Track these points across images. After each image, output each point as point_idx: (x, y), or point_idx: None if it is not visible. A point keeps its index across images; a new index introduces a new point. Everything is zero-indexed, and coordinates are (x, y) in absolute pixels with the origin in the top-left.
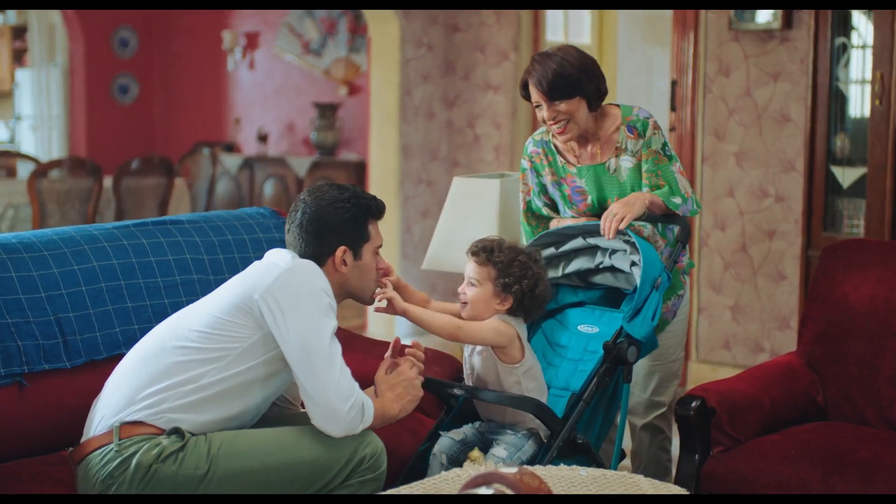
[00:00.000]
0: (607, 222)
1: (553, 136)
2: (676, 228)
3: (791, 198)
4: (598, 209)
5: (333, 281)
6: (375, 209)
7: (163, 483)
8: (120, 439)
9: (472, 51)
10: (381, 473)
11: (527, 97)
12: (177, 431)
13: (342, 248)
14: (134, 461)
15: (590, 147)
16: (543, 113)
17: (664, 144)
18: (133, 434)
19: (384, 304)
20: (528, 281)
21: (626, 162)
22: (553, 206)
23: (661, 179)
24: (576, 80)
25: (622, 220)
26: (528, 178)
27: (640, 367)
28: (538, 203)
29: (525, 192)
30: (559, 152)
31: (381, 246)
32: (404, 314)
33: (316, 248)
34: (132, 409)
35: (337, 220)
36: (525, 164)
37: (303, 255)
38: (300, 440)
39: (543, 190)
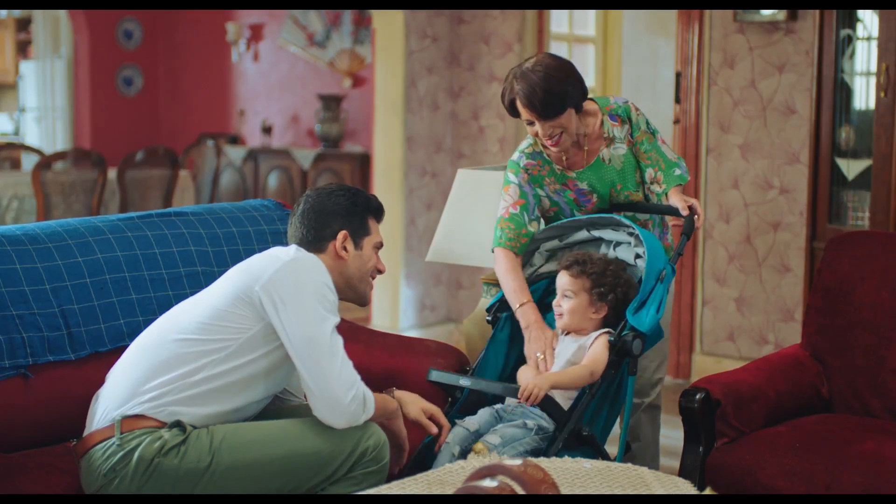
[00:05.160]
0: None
1: (545, 147)
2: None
3: (796, 190)
4: (607, 203)
5: (335, 270)
6: (375, 206)
7: (165, 476)
8: (122, 433)
9: (477, 42)
10: (383, 465)
11: (515, 115)
12: (178, 425)
13: (343, 232)
14: (136, 455)
15: (579, 152)
16: (537, 129)
17: (647, 122)
18: (135, 427)
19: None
20: (621, 289)
21: (619, 149)
22: (552, 216)
23: (657, 156)
24: (565, 93)
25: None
26: (520, 192)
27: None
28: (526, 218)
29: (511, 204)
30: (548, 155)
31: (381, 245)
32: (555, 386)
33: (317, 232)
34: (134, 403)
35: (338, 207)
36: (515, 178)
37: (303, 242)
38: (303, 432)
39: (539, 202)
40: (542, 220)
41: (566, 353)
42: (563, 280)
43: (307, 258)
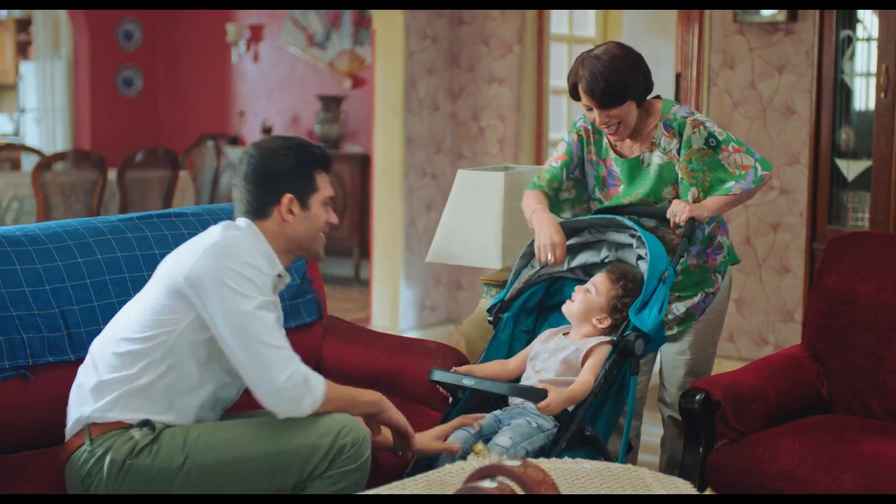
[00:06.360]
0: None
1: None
2: (708, 228)
3: (796, 190)
4: (624, 197)
5: (281, 235)
6: (321, 159)
7: (139, 477)
8: (91, 438)
9: (477, 43)
10: (363, 463)
11: (576, 98)
12: (147, 423)
13: (288, 196)
14: (107, 459)
15: (628, 142)
16: (595, 115)
17: (708, 137)
18: (103, 431)
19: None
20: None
21: (657, 158)
22: (575, 189)
23: (708, 174)
24: (626, 85)
25: (684, 212)
26: (567, 149)
27: (668, 362)
28: (563, 174)
29: (554, 158)
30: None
31: (331, 198)
32: (569, 403)
33: (260, 198)
34: (94, 409)
35: (281, 168)
36: (567, 137)
37: (248, 209)
38: (277, 430)
39: (581, 165)
40: (577, 185)
41: (563, 352)
42: (599, 277)
43: (230, 240)
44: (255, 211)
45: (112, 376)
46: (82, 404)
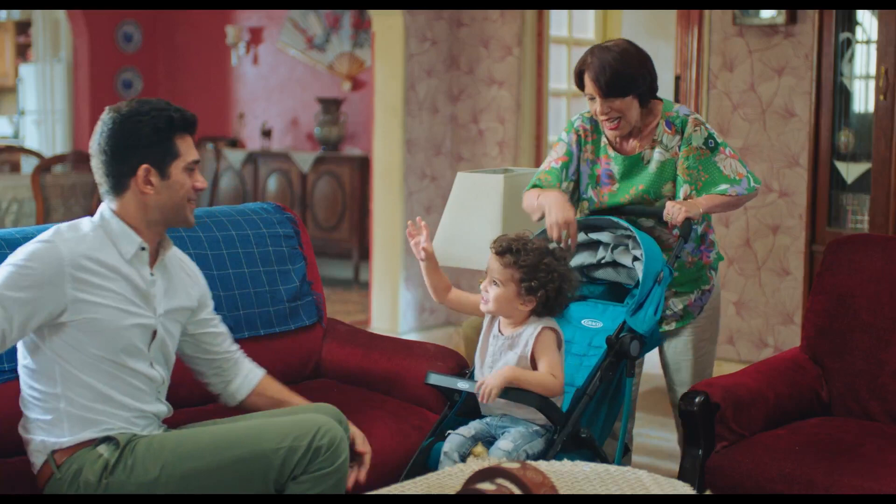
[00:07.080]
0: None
1: (604, 127)
2: (700, 227)
3: (795, 193)
4: (620, 195)
5: (141, 207)
6: (181, 122)
7: (118, 493)
8: (58, 465)
9: (477, 45)
10: (341, 464)
11: (580, 86)
12: (108, 439)
13: (144, 166)
14: (81, 482)
15: (631, 140)
16: (596, 106)
17: (707, 137)
18: (68, 455)
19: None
20: (553, 284)
21: (659, 155)
22: (575, 191)
23: (703, 174)
24: (632, 78)
25: (680, 212)
26: (566, 150)
27: (672, 364)
28: (563, 174)
29: (554, 159)
30: (604, 132)
31: (196, 162)
32: (512, 384)
33: (115, 170)
34: (46, 436)
35: (136, 136)
36: (566, 136)
37: (107, 186)
38: (253, 434)
39: (578, 164)
40: (576, 187)
41: (505, 356)
42: (492, 265)
43: (41, 239)
44: (113, 187)
45: (36, 408)
46: (35, 434)
